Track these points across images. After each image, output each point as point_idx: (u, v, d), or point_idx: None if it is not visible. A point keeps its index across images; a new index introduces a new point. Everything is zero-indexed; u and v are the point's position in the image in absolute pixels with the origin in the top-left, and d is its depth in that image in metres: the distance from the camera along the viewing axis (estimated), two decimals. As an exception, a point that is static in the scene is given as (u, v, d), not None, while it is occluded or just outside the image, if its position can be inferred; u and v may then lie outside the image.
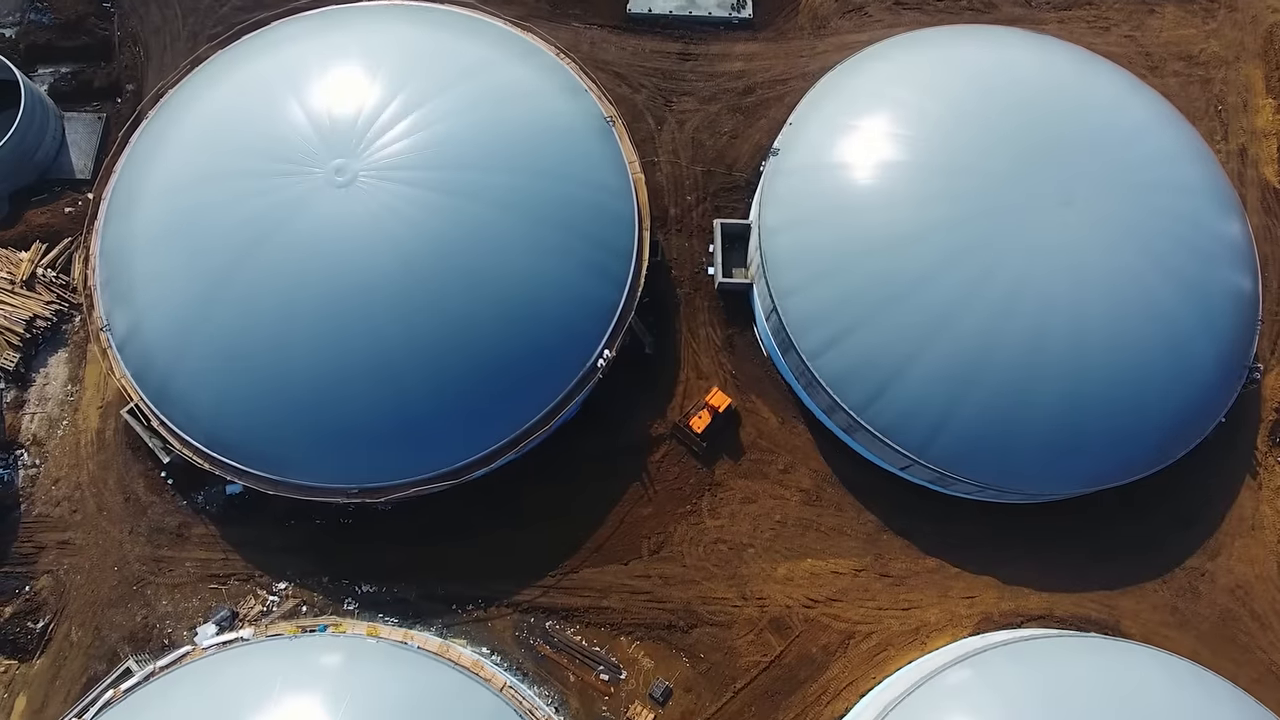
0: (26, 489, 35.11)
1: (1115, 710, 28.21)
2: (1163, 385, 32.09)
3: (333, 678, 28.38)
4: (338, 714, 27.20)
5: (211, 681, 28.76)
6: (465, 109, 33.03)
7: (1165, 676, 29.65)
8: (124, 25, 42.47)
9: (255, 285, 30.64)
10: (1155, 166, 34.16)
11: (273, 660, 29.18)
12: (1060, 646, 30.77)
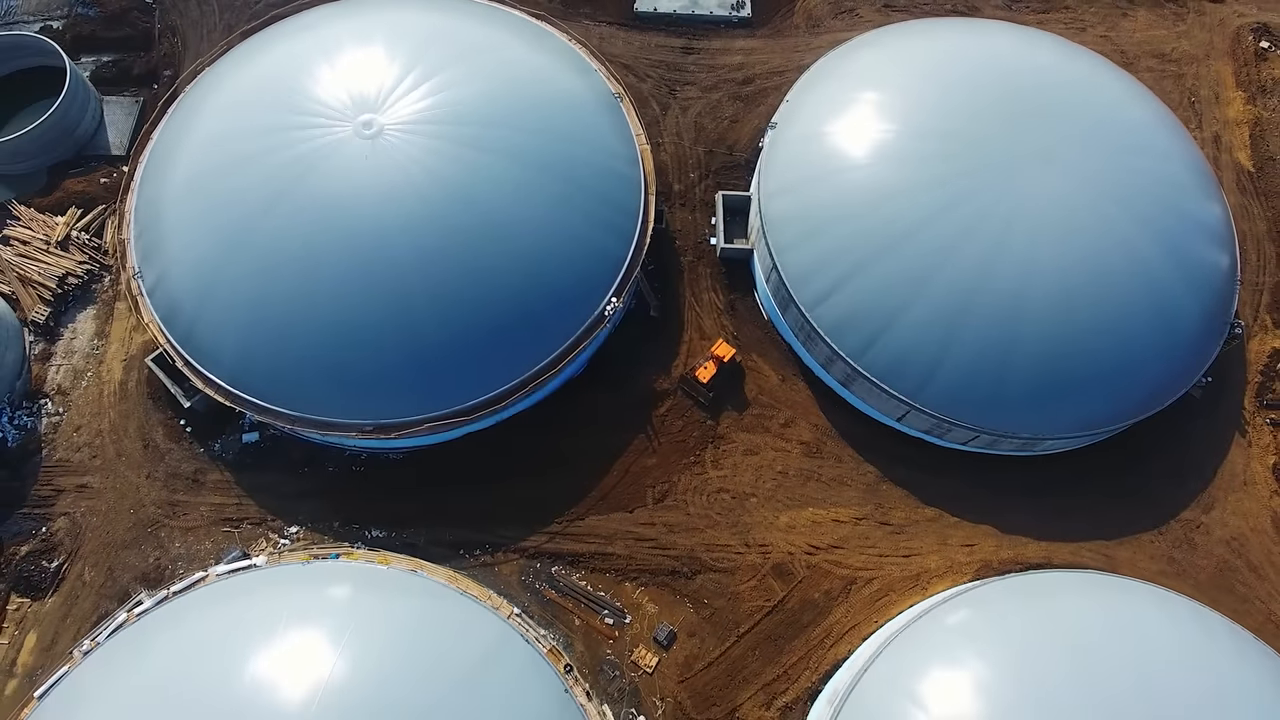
0: (49, 435, 36.39)
1: (1114, 636, 28.88)
2: (1145, 332, 33.77)
3: (344, 599, 29.21)
4: (346, 632, 27.99)
5: (224, 602, 29.56)
6: (482, 77, 35.78)
7: (1161, 609, 30.40)
8: (164, 19, 45.82)
9: (282, 229, 32.71)
10: (1133, 133, 36.68)
11: (285, 583, 30.08)
12: (1058, 581, 31.55)
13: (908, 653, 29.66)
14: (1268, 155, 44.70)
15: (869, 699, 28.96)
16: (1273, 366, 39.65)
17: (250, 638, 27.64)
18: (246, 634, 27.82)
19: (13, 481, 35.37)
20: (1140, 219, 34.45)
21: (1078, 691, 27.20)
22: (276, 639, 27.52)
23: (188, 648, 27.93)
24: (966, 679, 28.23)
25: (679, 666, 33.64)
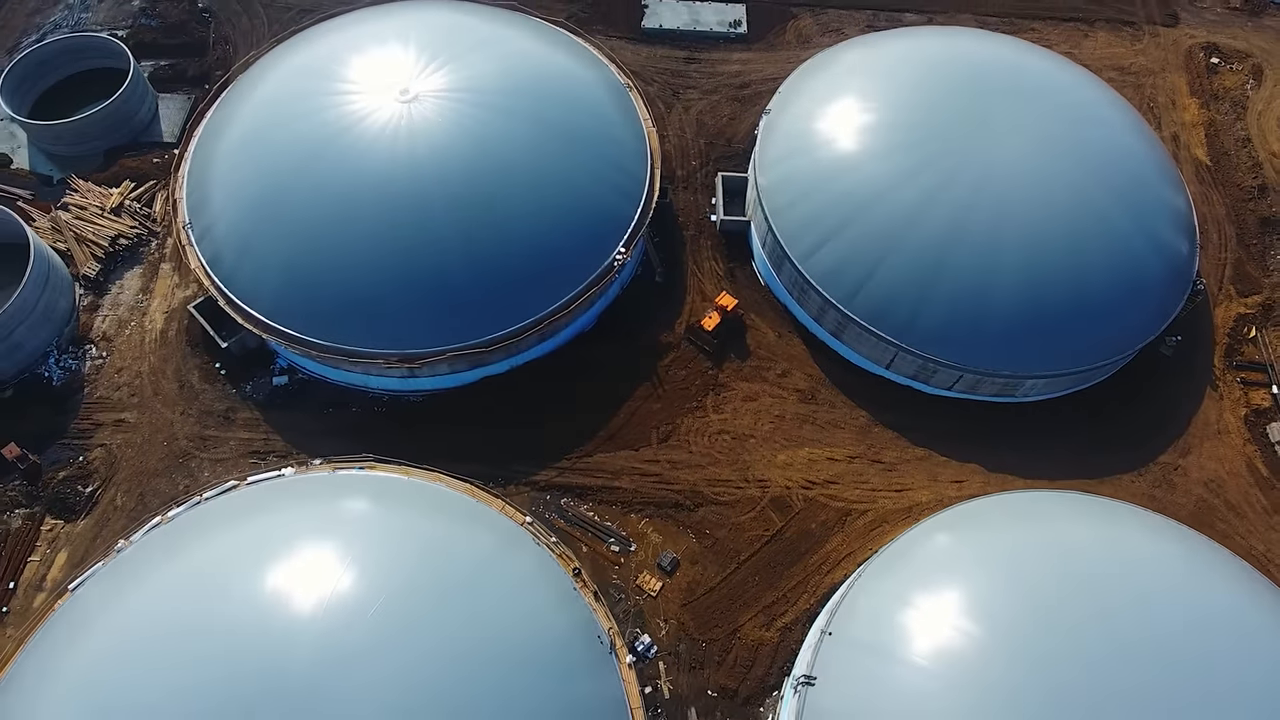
0: (91, 376, 39.27)
1: (1098, 538, 30.96)
2: (1109, 278, 37.20)
3: (369, 498, 31.47)
4: (372, 524, 30.23)
5: (253, 503, 31.76)
6: (504, 59, 40.73)
7: (1141, 518, 32.54)
8: (218, 30, 51.43)
9: (323, 177, 36.69)
10: (1094, 111, 41.24)
11: (313, 487, 32.35)
12: (1044, 496, 33.73)
13: (898, 557, 31.64)
14: (1223, 151, 49.23)
15: (861, 601, 30.76)
16: (1239, 330, 42.81)
17: (279, 530, 29.87)
18: (275, 528, 30.04)
19: (55, 416, 38.05)
20: (1103, 182, 38.45)
21: (1064, 583, 29.16)
22: (306, 526, 29.77)
23: (220, 540, 30.05)
24: (955, 577, 30.21)
25: (682, 591, 35.37)
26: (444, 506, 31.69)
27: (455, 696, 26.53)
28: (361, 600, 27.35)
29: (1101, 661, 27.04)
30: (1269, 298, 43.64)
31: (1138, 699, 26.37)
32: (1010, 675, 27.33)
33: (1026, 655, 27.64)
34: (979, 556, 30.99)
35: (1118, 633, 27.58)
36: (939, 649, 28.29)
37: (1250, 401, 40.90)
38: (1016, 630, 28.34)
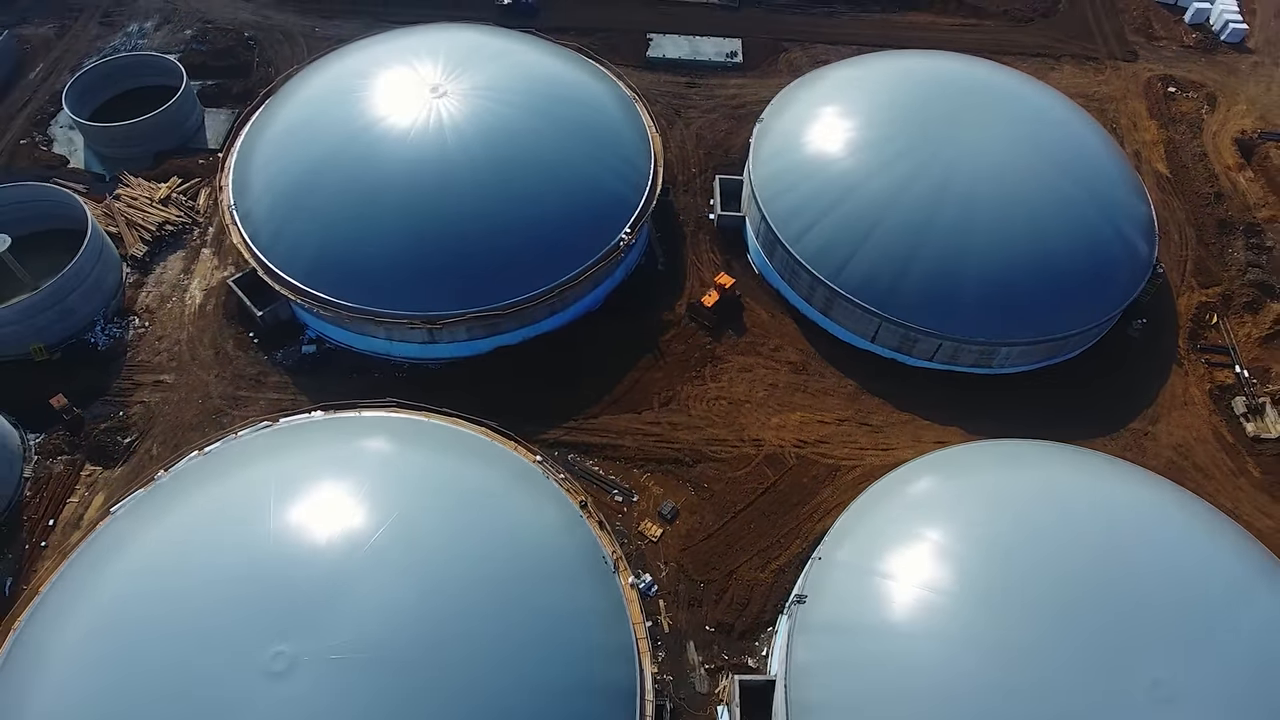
0: (134, 343, 42.88)
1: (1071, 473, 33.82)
2: (1072, 255, 41.28)
3: (391, 435, 34.52)
4: (394, 455, 33.23)
5: (286, 436, 34.80)
6: (524, 66, 46.05)
7: (1112, 462, 35.42)
8: (261, 54, 57.34)
9: (357, 159, 41.32)
10: (1058, 113, 46.36)
11: (341, 424, 35.46)
12: (1019, 444, 36.62)
13: (884, 493, 34.38)
14: (1181, 165, 54.09)
15: (848, 529, 33.39)
16: (1200, 316, 46.52)
17: (308, 456, 32.88)
18: (304, 456, 33.04)
19: (99, 377, 41.47)
20: (1066, 172, 43.02)
21: (1039, 505, 31.97)
22: (332, 455, 32.79)
23: (251, 466, 32.97)
24: (936, 506, 32.99)
25: (681, 537, 37.91)
26: (461, 442, 34.75)
27: (469, 597, 28.96)
28: (380, 512, 30.10)
29: (1069, 562, 29.59)
30: (1228, 289, 47.55)
31: (1104, 606, 28.78)
32: (983, 582, 29.81)
33: (1001, 567, 30.14)
34: (959, 489, 33.78)
35: (1084, 539, 30.25)
36: (917, 564, 30.81)
37: (1215, 379, 44.22)
38: (992, 547, 30.88)
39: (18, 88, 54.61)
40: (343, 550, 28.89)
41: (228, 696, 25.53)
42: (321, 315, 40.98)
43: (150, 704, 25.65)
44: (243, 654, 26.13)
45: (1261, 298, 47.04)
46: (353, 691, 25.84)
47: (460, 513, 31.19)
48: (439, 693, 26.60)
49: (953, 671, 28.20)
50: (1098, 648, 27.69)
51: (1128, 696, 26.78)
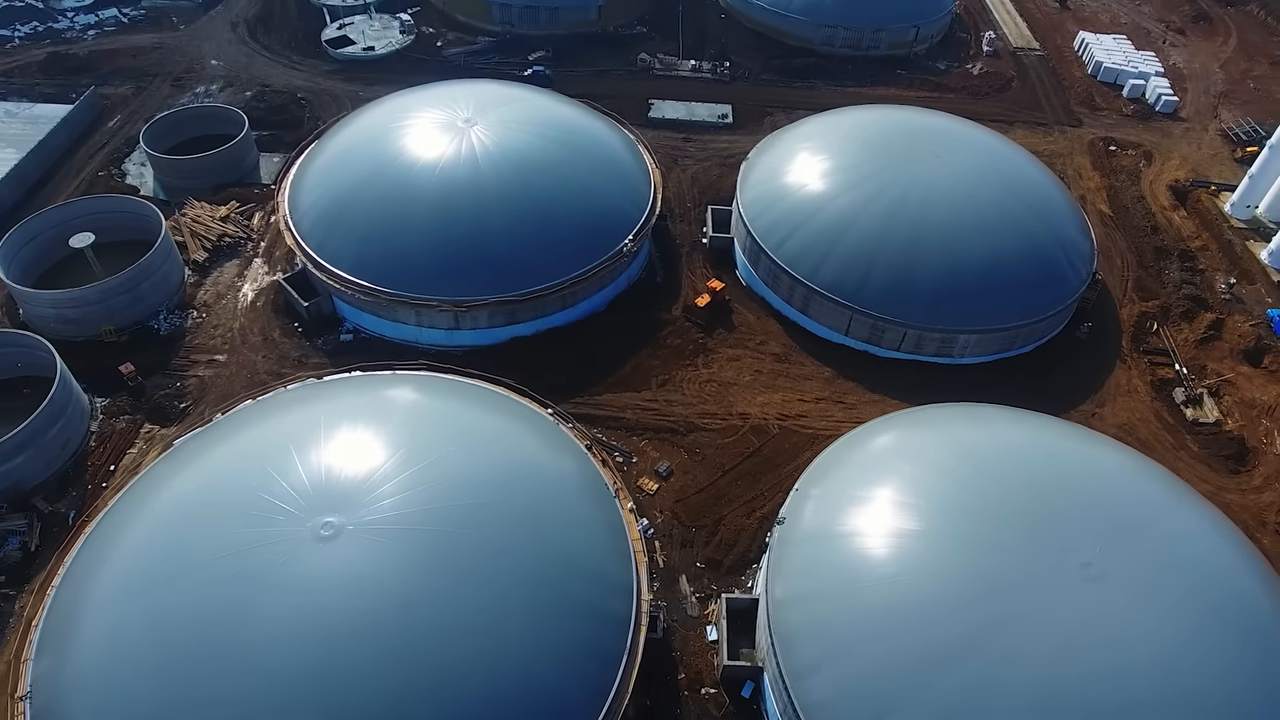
0: (192, 330, 49.48)
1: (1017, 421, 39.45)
2: (1015, 257, 48.65)
3: (420, 387, 40.46)
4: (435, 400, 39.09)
5: (331, 386, 40.69)
6: (539, 108, 55.17)
7: (1052, 420, 41.06)
8: (311, 111, 67.01)
9: (398, 172, 49.47)
10: (1007, 150, 54.82)
11: (378, 379, 41.43)
12: (970, 405, 42.30)
13: (853, 439, 39.89)
14: (1122, 205, 62.33)
15: (821, 464, 38.73)
16: (1141, 323, 53.17)
17: (347, 399, 38.73)
18: (342, 400, 38.87)
19: (161, 355, 47.81)
20: (1011, 193, 51.21)
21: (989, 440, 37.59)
22: (366, 400, 38.74)
23: (296, 408, 38.78)
24: (895, 443, 38.53)
25: (675, 492, 43.04)
26: (482, 394, 40.65)
27: (488, 497, 34.06)
28: (413, 432, 35.83)
29: (1014, 480, 34.85)
30: (1166, 302, 54.46)
31: (1044, 513, 33.80)
32: (940, 497, 34.90)
33: (957, 486, 35.23)
34: (920, 433, 39.33)
35: (1027, 464, 35.77)
36: (882, 487, 35.96)
37: (1156, 374, 50.35)
38: (948, 472, 36.03)
39: (98, 133, 63.95)
40: (380, 457, 34.29)
41: (287, 553, 30.51)
42: (362, 301, 47.78)
43: (223, 558, 30.62)
44: (299, 523, 31.28)
45: (1196, 309, 53.88)
46: (383, 553, 30.80)
47: (482, 437, 36.99)
48: (459, 559, 31.50)
49: (911, 560, 32.97)
50: (1039, 542, 32.57)
51: (1064, 575, 31.49)
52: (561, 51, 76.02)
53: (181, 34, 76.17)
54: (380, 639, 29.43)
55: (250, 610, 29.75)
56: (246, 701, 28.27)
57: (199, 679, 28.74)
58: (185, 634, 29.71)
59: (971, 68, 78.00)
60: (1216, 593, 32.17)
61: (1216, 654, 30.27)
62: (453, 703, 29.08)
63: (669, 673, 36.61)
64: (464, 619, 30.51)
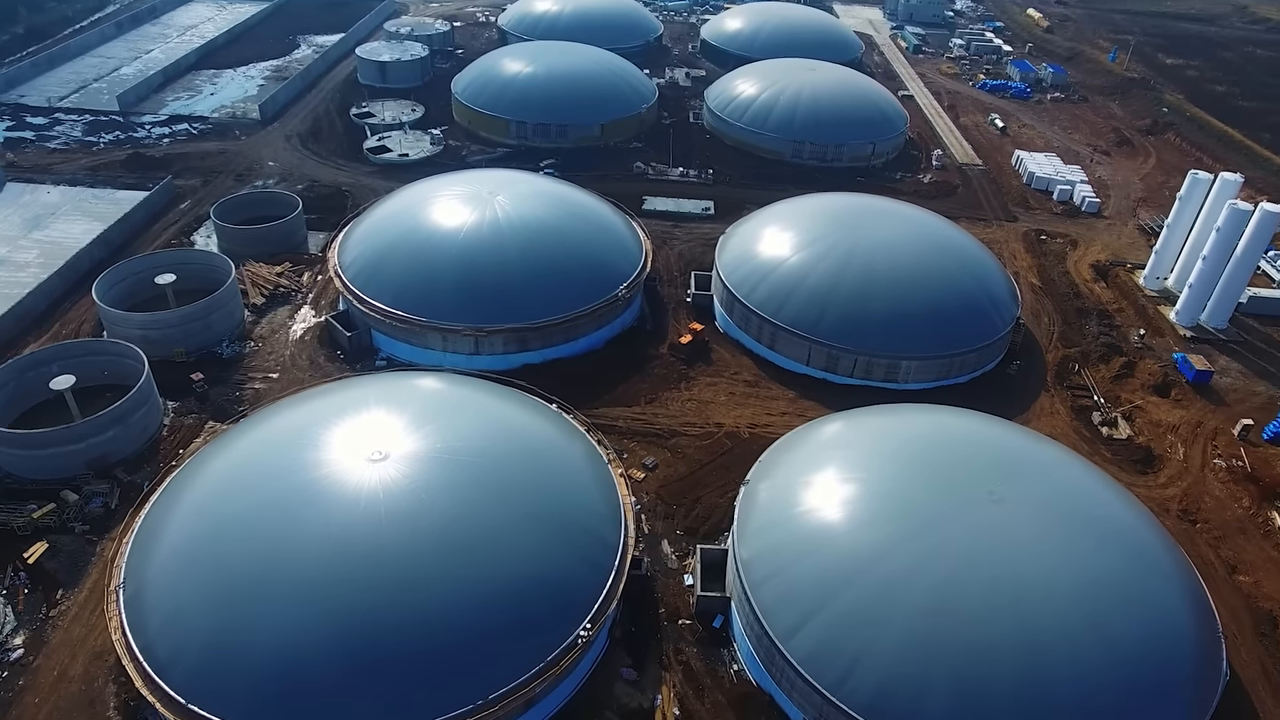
0: (249, 355, 59.64)
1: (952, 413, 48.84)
2: (950, 302, 59.74)
3: (442, 379, 50.18)
4: (441, 388, 48.77)
5: (370, 380, 50.30)
6: (547, 187, 68.11)
7: (975, 412, 50.44)
8: (354, 201, 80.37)
9: (434, 224, 61.59)
10: (941, 224, 67.24)
11: (406, 375, 51.10)
12: (906, 405, 51.68)
13: (805, 426, 49.13)
14: (1050, 279, 74.35)
15: (781, 444, 47.78)
16: (1064, 365, 63.49)
17: (378, 388, 48.36)
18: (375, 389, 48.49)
19: (222, 373, 57.71)
20: (943, 250, 63.32)
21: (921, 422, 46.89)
22: (394, 387, 48.44)
23: (334, 395, 48.26)
24: (840, 423, 47.76)
25: (659, 480, 51.69)
26: (497, 387, 50.30)
27: (504, 451, 43.13)
28: (441, 403, 45.39)
29: (937, 444, 43.95)
30: (1085, 348, 65.08)
31: (960, 462, 42.63)
32: (877, 460, 43.87)
33: (891, 451, 44.39)
34: (862, 422, 48.59)
35: (950, 433, 45.10)
36: (828, 456, 45.07)
37: (1076, 402, 60.01)
38: (884, 446, 45.28)
39: (172, 213, 77.02)
40: (418, 414, 43.73)
41: (346, 472, 39.39)
42: (396, 329, 58.29)
43: (287, 475, 39.35)
44: (355, 451, 40.34)
45: (1111, 353, 64.41)
46: (421, 473, 39.67)
47: (499, 409, 46.73)
48: (483, 482, 40.32)
49: (844, 495, 41.57)
50: (955, 481, 41.57)
51: (974, 501, 40.15)
52: (568, 161, 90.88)
53: (243, 143, 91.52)
54: (417, 536, 37.77)
55: (309, 512, 38.35)
56: (302, 585, 36.17)
57: (263, 565, 36.86)
58: (251, 529, 38.30)
59: (922, 177, 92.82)
60: (1091, 511, 41.03)
61: (1089, 554, 38.58)
62: (477, 585, 36.95)
63: (651, 609, 43.94)
64: (486, 528, 38.97)
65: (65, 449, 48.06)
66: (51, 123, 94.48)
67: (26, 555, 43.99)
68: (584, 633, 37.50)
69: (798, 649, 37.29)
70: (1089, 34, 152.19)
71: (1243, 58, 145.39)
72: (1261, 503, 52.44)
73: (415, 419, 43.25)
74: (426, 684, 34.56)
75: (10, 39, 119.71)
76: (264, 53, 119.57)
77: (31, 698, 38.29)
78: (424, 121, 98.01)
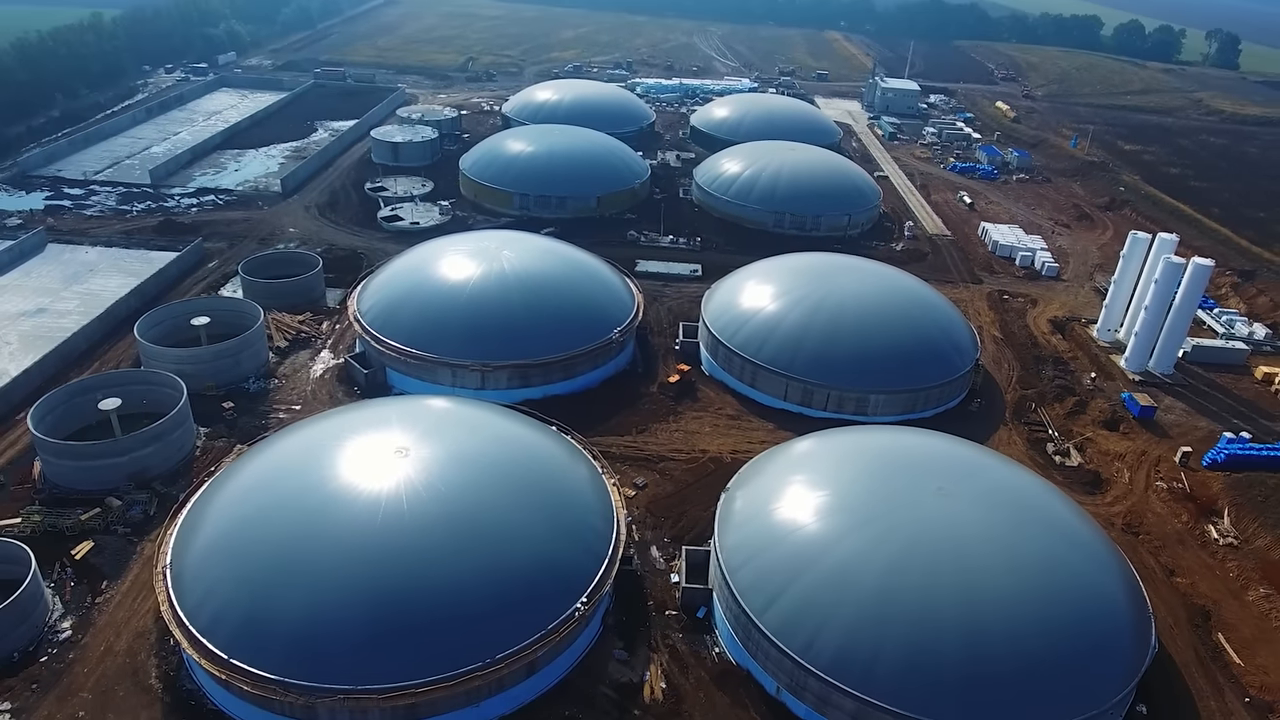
0: (274, 391, 66.10)
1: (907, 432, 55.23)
2: (913, 343, 66.74)
3: (455, 401, 56.53)
4: (455, 408, 55.20)
5: (382, 404, 56.58)
6: (549, 245, 76.14)
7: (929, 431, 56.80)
8: (368, 261, 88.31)
9: (441, 278, 69.01)
10: (909, 279, 74.99)
11: (419, 399, 57.44)
12: (876, 427, 57.97)
13: (778, 446, 55.31)
14: (1011, 332, 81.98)
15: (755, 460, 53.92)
16: (1022, 403, 70.17)
17: (394, 408, 54.73)
18: (406, 404, 54.89)
19: (250, 404, 63.96)
20: (907, 296, 71.19)
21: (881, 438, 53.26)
22: (410, 407, 54.85)
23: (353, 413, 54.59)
24: (808, 442, 54.04)
25: (649, 497, 57.46)
26: (500, 408, 56.64)
27: (511, 455, 49.20)
28: (451, 416, 51.72)
29: (893, 452, 50.20)
30: (1041, 390, 71.95)
31: (912, 465, 48.76)
32: (842, 469, 50.02)
33: (853, 461, 50.61)
34: (829, 439, 54.84)
35: (905, 445, 51.35)
36: (797, 468, 51.20)
37: (1032, 435, 66.38)
38: (847, 458, 51.52)
39: (200, 271, 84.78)
40: (436, 422, 50.06)
41: (374, 462, 45.46)
42: (410, 366, 64.96)
43: (319, 468, 45.31)
44: (381, 447, 46.57)
45: (1065, 394, 71.28)
46: (440, 467, 45.64)
47: (505, 421, 52.75)
48: (493, 475, 46.38)
49: (806, 493, 47.45)
50: (906, 480, 47.68)
51: (922, 494, 46.27)
52: (567, 230, 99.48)
53: (265, 212, 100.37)
54: (434, 520, 43.52)
55: (338, 497, 44.24)
56: (332, 559, 41.68)
57: (297, 542, 42.47)
58: (286, 513, 44.12)
59: (895, 245, 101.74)
60: (1030, 504, 47.37)
61: (1027, 538, 44.59)
62: (486, 564, 42.49)
63: (641, 602, 49.05)
64: (495, 515, 44.86)
65: (110, 461, 53.94)
66: (87, 193, 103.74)
67: (74, 552, 49.38)
68: (580, 606, 42.79)
69: (770, 621, 42.63)
70: (1053, 124, 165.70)
71: (1197, 145, 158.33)
72: (1199, 518, 58.37)
73: (432, 427, 49.59)
74: (441, 645, 39.70)
75: (47, 121, 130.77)
76: (284, 135, 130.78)
77: (80, 668, 43.04)
78: (433, 195, 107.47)
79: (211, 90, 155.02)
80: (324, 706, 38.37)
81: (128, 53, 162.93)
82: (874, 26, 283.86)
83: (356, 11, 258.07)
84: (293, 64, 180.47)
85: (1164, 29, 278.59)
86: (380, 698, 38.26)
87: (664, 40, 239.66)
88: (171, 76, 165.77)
